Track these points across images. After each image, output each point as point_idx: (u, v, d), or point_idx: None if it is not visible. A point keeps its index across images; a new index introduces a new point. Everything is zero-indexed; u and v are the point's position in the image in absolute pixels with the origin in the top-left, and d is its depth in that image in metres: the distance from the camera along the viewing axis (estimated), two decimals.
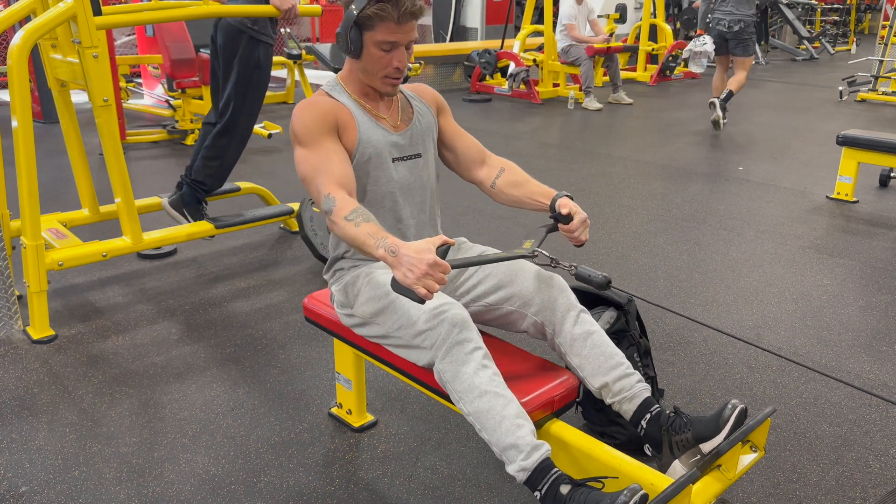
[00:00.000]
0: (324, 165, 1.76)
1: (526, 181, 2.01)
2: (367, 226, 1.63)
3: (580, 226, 1.87)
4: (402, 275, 1.52)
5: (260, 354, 2.66)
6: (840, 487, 1.99)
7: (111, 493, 1.94)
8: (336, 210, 1.68)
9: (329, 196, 1.71)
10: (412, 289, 1.51)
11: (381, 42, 1.76)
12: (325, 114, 1.83)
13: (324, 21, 11.71)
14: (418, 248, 1.52)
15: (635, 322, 2.21)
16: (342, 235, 1.67)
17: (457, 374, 1.63)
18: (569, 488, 1.53)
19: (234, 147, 3.42)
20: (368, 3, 1.71)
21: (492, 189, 2.03)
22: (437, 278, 1.52)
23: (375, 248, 1.58)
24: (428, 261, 1.51)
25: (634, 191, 4.78)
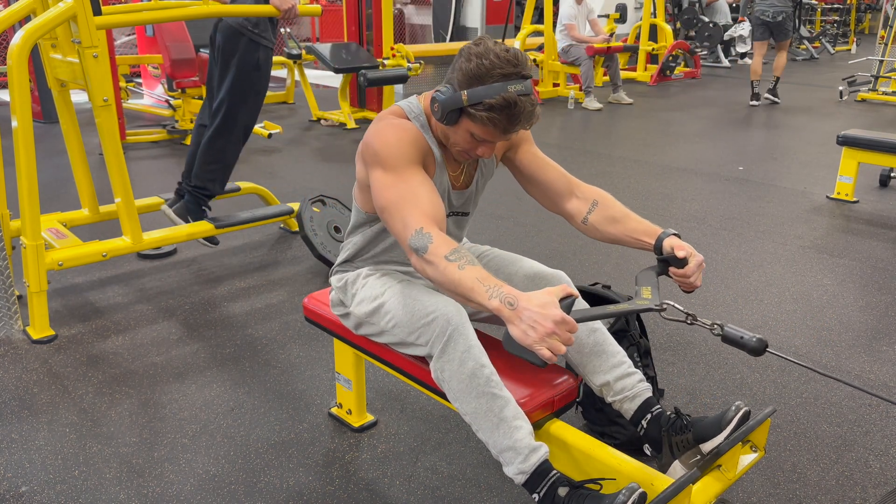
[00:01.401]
0: (413, 196, 1.57)
1: (624, 217, 1.82)
2: (473, 269, 1.45)
3: (696, 270, 1.69)
4: (521, 332, 1.36)
5: (260, 354, 2.66)
6: (840, 487, 1.99)
7: (111, 493, 1.93)
8: (433, 248, 1.48)
9: (422, 231, 1.51)
10: (532, 349, 1.35)
11: (476, 134, 1.63)
12: (416, 141, 1.67)
13: (324, 21, 11.72)
14: (542, 302, 1.36)
15: (635, 322, 2.21)
16: (440, 277, 1.48)
17: (454, 373, 1.62)
18: (567, 490, 1.53)
19: (231, 149, 3.40)
20: (483, 103, 1.55)
21: (583, 225, 1.86)
22: (564, 338, 1.36)
23: (487, 297, 1.40)
24: (554, 317, 1.34)
25: (634, 191, 4.78)
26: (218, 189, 3.47)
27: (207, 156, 3.36)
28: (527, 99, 1.57)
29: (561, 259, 3.61)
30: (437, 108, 1.62)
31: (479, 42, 1.61)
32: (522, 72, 1.57)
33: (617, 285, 3.23)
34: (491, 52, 1.56)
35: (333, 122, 6.90)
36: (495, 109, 1.55)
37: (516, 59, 1.57)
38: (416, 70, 6.66)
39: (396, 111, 1.76)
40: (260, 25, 3.22)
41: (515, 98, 1.54)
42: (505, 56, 1.56)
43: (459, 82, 1.59)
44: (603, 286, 2.28)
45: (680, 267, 1.69)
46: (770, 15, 7.68)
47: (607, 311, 1.57)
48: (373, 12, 6.95)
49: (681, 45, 9.55)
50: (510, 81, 1.55)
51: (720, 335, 1.55)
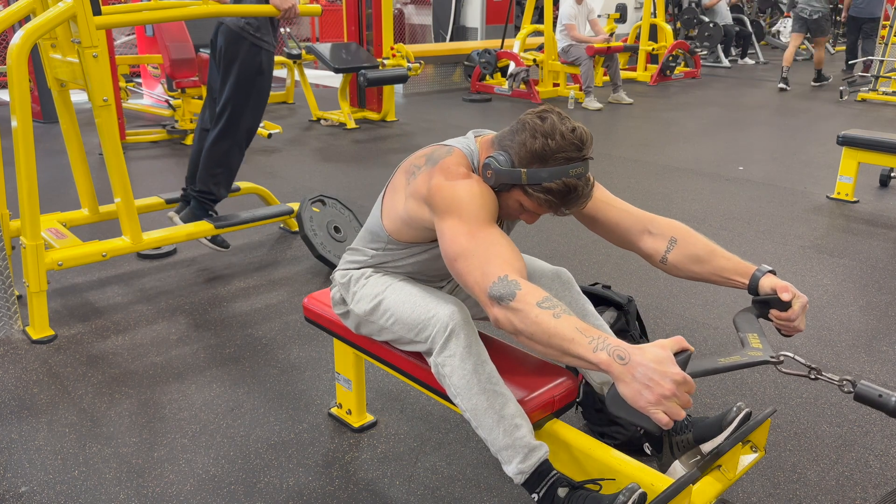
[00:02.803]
0: (494, 246, 1.46)
1: (710, 255, 1.69)
2: (571, 319, 1.31)
3: (801, 313, 1.57)
4: (633, 392, 1.22)
5: (260, 354, 2.66)
6: (840, 487, 1.99)
7: (111, 493, 1.93)
8: (521, 294, 1.35)
9: (507, 278, 1.38)
10: (647, 412, 1.20)
11: (525, 206, 1.58)
12: (494, 202, 1.57)
13: (324, 21, 11.72)
14: (658, 358, 1.22)
15: (635, 322, 2.22)
16: (530, 327, 1.32)
17: (455, 369, 1.61)
18: (567, 491, 1.53)
19: (235, 152, 3.39)
20: (541, 185, 1.50)
21: (663, 265, 1.75)
22: (683, 401, 1.21)
23: (591, 349, 1.26)
24: (674, 377, 1.21)
25: (634, 191, 4.78)
26: (223, 193, 3.46)
27: (211, 160, 3.35)
28: (584, 181, 1.53)
29: (561, 259, 3.61)
30: (491, 176, 1.55)
31: (546, 116, 1.53)
32: (586, 155, 1.53)
33: (617, 285, 3.23)
34: (558, 131, 1.50)
35: (333, 122, 6.90)
36: (553, 193, 1.51)
37: (581, 142, 1.51)
38: (416, 70, 6.66)
39: (463, 161, 1.63)
40: (261, 29, 3.21)
41: (575, 183, 1.51)
42: (570, 137, 1.50)
43: (520, 158, 1.52)
44: (603, 286, 2.29)
45: (783, 310, 1.57)
46: (808, 13, 8.70)
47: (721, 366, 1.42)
48: (373, 12, 6.95)
49: (681, 45, 9.55)
50: (572, 164, 1.50)
51: (851, 392, 1.40)
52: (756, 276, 1.62)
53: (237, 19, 3.17)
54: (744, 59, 12.02)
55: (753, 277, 1.63)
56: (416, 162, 1.70)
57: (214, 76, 3.34)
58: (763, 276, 1.62)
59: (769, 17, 14.29)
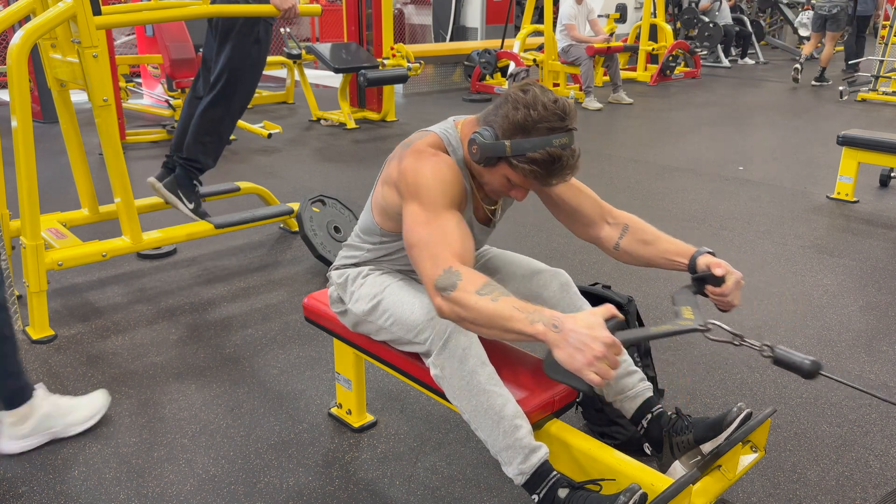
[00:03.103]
0: (445, 236, 1.52)
1: (656, 239, 1.79)
2: (508, 299, 1.40)
3: (735, 288, 1.65)
4: (566, 356, 1.31)
5: (260, 354, 2.66)
6: (840, 487, 1.99)
7: (111, 493, 1.93)
8: (462, 285, 1.42)
9: (451, 270, 1.45)
10: (580, 374, 1.30)
11: (512, 181, 1.60)
12: (457, 182, 1.62)
13: (324, 21, 11.72)
14: (588, 323, 1.32)
15: (635, 322, 2.21)
16: (471, 314, 1.41)
17: (454, 370, 1.61)
18: (567, 491, 1.53)
19: (227, 121, 3.31)
20: (525, 156, 1.51)
21: (615, 251, 1.83)
22: (612, 362, 1.31)
23: (528, 322, 1.35)
24: (604, 340, 1.30)
25: (634, 191, 4.78)
26: (210, 163, 3.38)
27: (201, 127, 3.26)
28: (569, 152, 1.53)
29: (561, 259, 3.61)
30: (476, 151, 1.57)
31: (528, 89, 1.55)
32: (569, 125, 1.54)
33: (617, 285, 3.23)
34: (539, 102, 1.51)
35: (333, 122, 6.90)
36: (538, 163, 1.52)
37: (564, 112, 1.52)
38: (416, 70, 6.66)
39: (435, 142, 1.68)
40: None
41: (560, 153, 1.51)
42: (553, 108, 1.51)
43: (503, 130, 1.54)
44: (603, 286, 2.29)
45: (717, 285, 1.64)
46: (826, 9, 9.13)
47: (651, 333, 1.54)
48: (373, 12, 6.95)
49: (681, 45, 9.55)
50: (556, 135, 1.51)
51: (770, 357, 1.49)
52: (694, 256, 1.70)
53: None
54: (744, 59, 12.02)
55: (692, 257, 1.70)
56: (396, 149, 1.74)
57: (210, 45, 3.29)
58: (700, 256, 1.69)
59: (769, 16, 14.30)
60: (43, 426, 2.10)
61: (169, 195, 3.35)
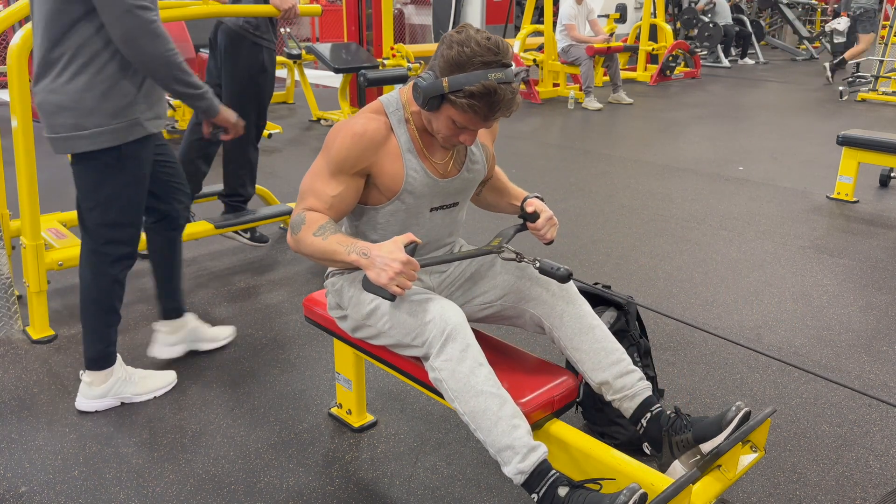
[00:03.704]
0: (322, 190, 1.71)
1: (505, 188, 2.02)
2: (335, 237, 1.66)
3: (546, 223, 1.88)
4: (375, 275, 1.58)
5: (260, 354, 2.66)
6: (840, 487, 1.99)
7: (111, 493, 1.93)
8: (304, 227, 1.68)
9: (300, 214, 1.71)
10: (385, 287, 1.58)
11: (457, 121, 1.65)
12: (364, 152, 1.70)
13: (324, 21, 11.72)
14: (389, 249, 1.58)
15: (635, 322, 2.21)
16: (310, 253, 1.68)
17: (452, 372, 1.61)
18: (566, 490, 1.52)
19: (251, 149, 3.47)
20: (462, 91, 1.56)
21: (476, 197, 2.06)
22: (408, 275, 1.58)
23: (346, 254, 1.62)
24: (400, 259, 1.57)
25: (634, 191, 4.78)
26: (250, 191, 3.57)
27: (232, 165, 3.46)
28: (507, 87, 1.58)
29: (561, 259, 3.61)
30: (419, 95, 1.63)
31: (461, 30, 1.61)
32: (503, 60, 1.59)
33: (617, 285, 3.23)
34: (472, 39, 1.57)
35: (333, 122, 6.90)
36: (476, 97, 1.56)
37: (497, 48, 1.58)
38: (416, 70, 6.66)
39: (376, 107, 1.78)
40: (260, 27, 3.23)
41: (496, 86, 1.56)
42: (486, 44, 1.57)
43: (441, 69, 1.60)
44: (603, 286, 2.29)
45: (533, 221, 1.88)
46: (853, 10, 9.53)
47: (452, 256, 1.81)
48: (373, 12, 6.95)
49: (681, 45, 9.55)
50: (491, 69, 1.57)
51: (538, 268, 1.77)
52: (524, 200, 1.93)
53: (236, 18, 3.19)
54: (744, 59, 12.02)
55: (523, 200, 1.93)
56: None
57: (213, 71, 3.37)
58: (529, 199, 1.92)
59: (769, 17, 14.30)
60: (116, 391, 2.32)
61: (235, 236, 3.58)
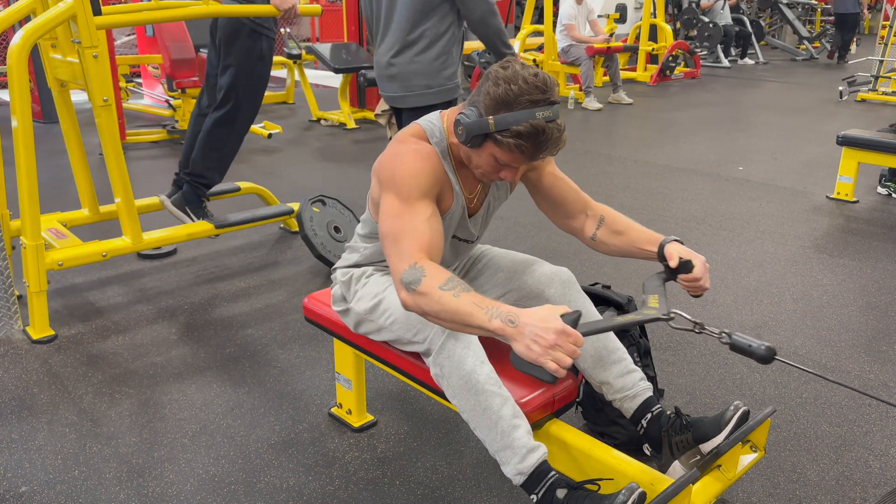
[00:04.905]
0: (415, 230, 1.54)
1: (628, 228, 1.82)
2: (468, 295, 1.43)
3: (704, 272, 1.69)
4: (524, 347, 1.35)
5: (260, 354, 2.66)
6: (840, 487, 1.99)
7: (111, 493, 1.93)
8: (426, 280, 1.45)
9: (416, 266, 1.48)
10: (538, 363, 1.34)
11: (500, 159, 1.59)
12: (434, 172, 1.63)
13: (324, 21, 11.72)
14: (542, 316, 1.36)
15: None
16: (434, 307, 1.44)
17: (453, 369, 1.61)
18: (565, 492, 1.52)
19: (233, 138, 3.36)
20: (509, 130, 1.51)
21: (592, 241, 1.87)
22: (568, 350, 1.34)
23: (487, 319, 1.39)
24: (556, 329, 1.33)
25: (634, 191, 4.78)
26: (217, 178, 3.43)
27: (208, 144, 3.32)
28: (554, 125, 1.53)
29: (561, 259, 3.61)
30: (462, 132, 1.58)
31: (507, 65, 1.56)
32: (551, 98, 1.54)
33: (617, 285, 3.23)
34: (519, 76, 1.52)
35: (333, 122, 6.90)
36: (522, 136, 1.51)
37: (545, 85, 1.53)
38: None
39: (418, 132, 1.70)
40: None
41: (543, 125, 1.51)
42: (533, 81, 1.52)
43: (486, 107, 1.54)
44: (603, 286, 2.29)
45: (687, 272, 1.69)
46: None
47: (614, 323, 1.55)
48: None
49: (681, 45, 9.55)
50: (538, 108, 1.52)
51: (728, 343, 1.54)
52: (662, 244, 1.74)
53: None
54: (744, 59, 12.02)
55: (660, 245, 1.75)
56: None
57: (213, 61, 3.33)
58: (668, 244, 1.74)
59: (769, 17, 14.30)
60: None
61: (177, 211, 3.40)
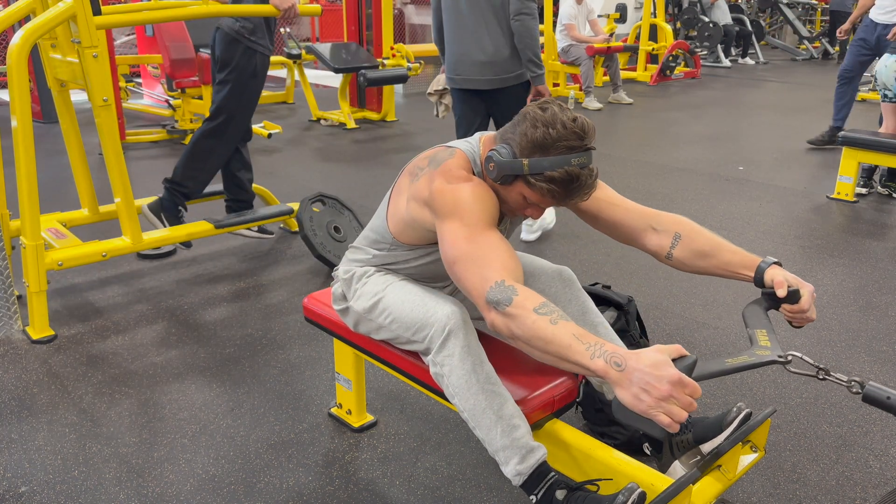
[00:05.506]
0: (493, 251, 1.47)
1: (715, 249, 1.68)
2: (568, 325, 1.32)
3: (811, 302, 1.58)
4: (632, 397, 1.21)
5: (260, 354, 2.66)
6: (840, 487, 1.99)
7: (111, 493, 1.93)
8: (518, 300, 1.35)
9: (504, 284, 1.39)
10: (648, 415, 1.20)
11: (529, 199, 1.57)
12: (495, 203, 1.59)
13: (324, 21, 11.72)
14: (654, 362, 1.22)
15: (635, 322, 2.22)
16: (527, 332, 1.33)
17: (453, 369, 1.61)
18: (565, 493, 1.52)
19: (218, 152, 3.40)
20: (543, 175, 1.49)
21: (668, 261, 1.75)
22: (683, 402, 1.20)
23: (588, 356, 1.27)
24: (670, 378, 1.19)
25: (634, 191, 4.78)
26: (196, 189, 3.45)
27: (193, 155, 3.36)
28: (587, 172, 1.51)
29: (561, 259, 3.61)
30: (494, 169, 1.55)
31: (546, 107, 1.53)
32: (588, 144, 1.52)
33: (617, 285, 3.23)
34: (559, 120, 1.50)
35: (333, 122, 6.90)
36: (556, 182, 1.50)
37: (583, 132, 1.51)
38: (416, 70, 6.66)
39: (464, 164, 1.64)
40: (256, 32, 3.24)
41: (578, 172, 1.50)
42: (572, 127, 1.49)
43: (521, 148, 1.52)
44: (603, 286, 2.29)
45: (793, 302, 1.56)
46: None
47: (727, 367, 1.39)
48: (373, 12, 6.95)
49: (681, 45, 9.55)
50: (574, 154, 1.49)
51: (859, 394, 1.41)
52: (761, 268, 1.62)
53: (232, 22, 3.19)
54: (744, 59, 12.02)
55: (759, 269, 1.62)
56: (419, 164, 1.70)
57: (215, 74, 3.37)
58: (768, 268, 1.62)
59: (769, 16, 14.29)
60: None
61: (152, 216, 3.36)
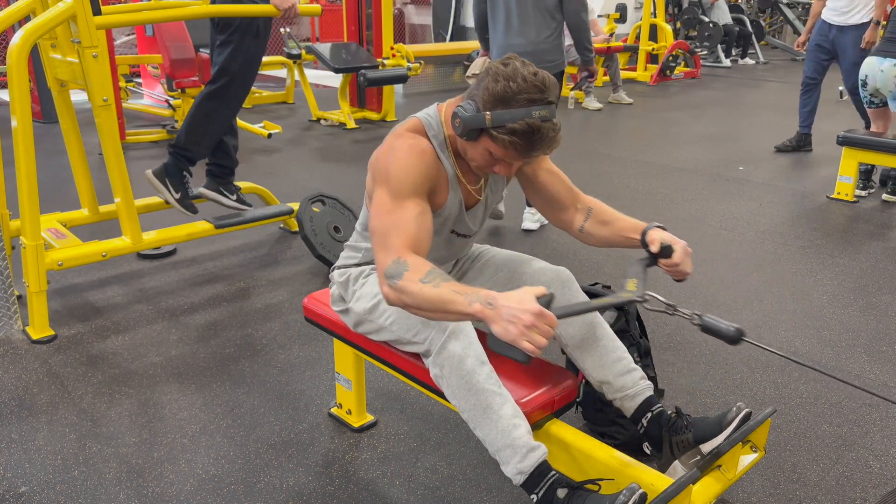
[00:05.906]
0: (404, 225, 1.56)
1: (614, 219, 1.86)
2: (449, 284, 1.45)
3: (684, 257, 1.72)
4: (502, 329, 1.36)
5: (260, 354, 2.66)
6: (840, 487, 1.99)
7: (111, 493, 1.93)
8: (408, 274, 1.47)
9: (399, 261, 1.50)
10: (515, 343, 1.36)
11: (494, 154, 1.61)
12: (428, 168, 1.65)
13: (324, 21, 11.72)
14: (519, 298, 1.38)
15: (635, 322, 2.21)
16: (418, 303, 1.46)
17: (453, 369, 1.61)
18: (566, 492, 1.52)
19: (222, 113, 3.31)
20: (505, 126, 1.53)
21: (580, 233, 1.90)
22: (543, 331, 1.36)
23: (467, 304, 1.41)
24: (532, 310, 1.35)
25: (634, 191, 4.78)
26: (201, 153, 3.36)
27: (196, 118, 3.27)
28: (549, 125, 1.55)
29: (561, 259, 3.61)
30: (459, 125, 1.60)
31: (508, 62, 1.57)
32: (548, 98, 1.55)
33: (617, 285, 3.22)
34: (519, 74, 1.54)
35: (333, 122, 6.90)
36: (517, 134, 1.53)
37: (543, 84, 1.55)
38: (416, 70, 6.66)
39: (416, 126, 1.72)
40: None
41: (539, 124, 1.53)
42: (532, 80, 1.54)
43: (484, 102, 1.56)
44: (603, 286, 2.29)
45: (667, 257, 1.72)
46: None
47: (590, 305, 1.60)
48: (373, 12, 6.95)
49: (681, 45, 9.55)
50: (535, 106, 1.53)
51: (699, 325, 1.60)
52: (645, 231, 1.78)
53: None
54: (744, 59, 12.02)
55: (644, 232, 1.78)
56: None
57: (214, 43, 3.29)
58: (651, 230, 1.77)
59: (769, 16, 14.29)
60: None
61: (156, 182, 3.29)
